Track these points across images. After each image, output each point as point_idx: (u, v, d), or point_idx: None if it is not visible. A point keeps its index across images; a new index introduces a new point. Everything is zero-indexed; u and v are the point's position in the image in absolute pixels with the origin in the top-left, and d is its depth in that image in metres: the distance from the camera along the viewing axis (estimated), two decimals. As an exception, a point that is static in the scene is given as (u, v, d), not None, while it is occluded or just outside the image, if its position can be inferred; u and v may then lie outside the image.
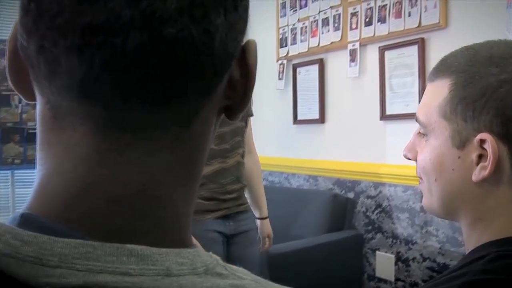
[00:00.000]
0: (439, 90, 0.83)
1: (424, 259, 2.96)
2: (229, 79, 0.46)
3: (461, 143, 0.81)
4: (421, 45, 2.91)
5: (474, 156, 0.79)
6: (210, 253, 0.45)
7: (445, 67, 0.84)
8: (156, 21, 0.37)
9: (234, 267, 0.45)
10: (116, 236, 0.39)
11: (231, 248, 2.24)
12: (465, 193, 0.83)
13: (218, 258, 0.45)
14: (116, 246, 0.38)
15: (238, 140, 2.24)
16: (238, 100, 0.48)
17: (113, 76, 0.38)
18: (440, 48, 2.80)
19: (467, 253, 0.83)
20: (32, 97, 0.44)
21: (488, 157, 0.77)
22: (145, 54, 0.38)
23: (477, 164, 0.79)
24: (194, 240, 0.48)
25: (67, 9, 0.37)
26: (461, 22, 2.75)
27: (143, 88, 0.39)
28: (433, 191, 0.86)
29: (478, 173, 0.79)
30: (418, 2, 2.92)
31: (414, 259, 3.02)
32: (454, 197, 0.85)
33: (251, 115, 2.38)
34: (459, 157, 0.81)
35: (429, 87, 0.87)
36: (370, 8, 3.25)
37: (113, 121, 0.40)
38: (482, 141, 0.78)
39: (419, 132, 0.89)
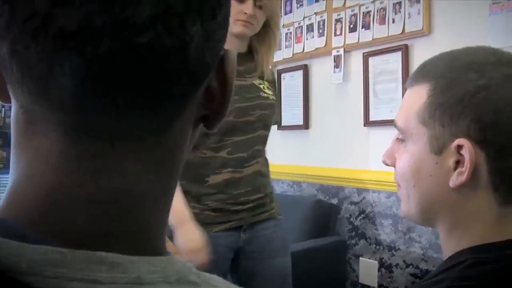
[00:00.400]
0: (418, 95, 0.83)
1: (407, 265, 2.96)
2: (206, 89, 0.45)
3: (439, 149, 0.80)
4: (405, 51, 2.93)
5: (451, 162, 0.79)
6: (185, 261, 0.45)
7: (424, 72, 0.84)
8: (128, 29, 0.36)
9: (208, 275, 0.44)
10: (87, 243, 0.39)
11: (246, 262, 2.00)
12: (442, 199, 0.82)
13: (192, 266, 0.44)
14: (86, 253, 0.38)
15: (258, 149, 2.00)
16: (215, 110, 0.47)
17: (83, 83, 0.37)
18: (423, 54, 2.81)
19: (444, 259, 0.83)
20: (8, 100, 0.43)
21: (465, 163, 0.77)
22: (117, 62, 0.37)
23: (455, 169, 0.79)
24: (172, 247, 0.48)
25: (40, 13, 0.36)
26: (444, 28, 2.77)
27: (114, 96, 0.38)
28: (411, 197, 0.86)
29: (456, 179, 0.79)
30: (402, 9, 2.94)
31: (397, 265, 3.02)
32: (432, 203, 0.84)
33: (279, 123, 2.25)
34: (436, 163, 0.81)
35: (408, 92, 0.87)
36: (354, 14, 3.26)
37: (84, 128, 0.40)
38: (459, 147, 0.78)
39: (398, 138, 0.89)
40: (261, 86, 2.00)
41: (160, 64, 0.38)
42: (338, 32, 3.37)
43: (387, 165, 0.92)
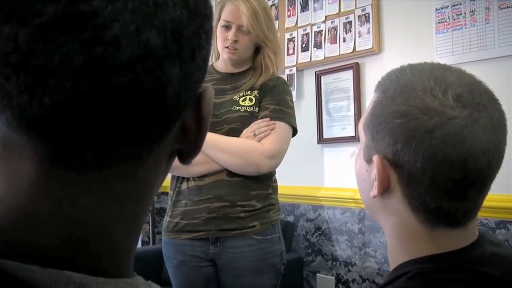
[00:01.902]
0: (370, 104, 0.86)
1: (364, 280, 3.00)
2: (182, 125, 0.47)
3: (368, 159, 0.84)
4: (356, 69, 2.99)
5: (374, 173, 0.82)
6: (149, 281, 0.47)
7: (379, 82, 0.87)
8: (107, 69, 0.37)
9: None
10: (55, 263, 0.40)
11: (220, 274, 2.02)
12: (372, 205, 0.87)
13: (158, 287, 0.46)
14: (55, 272, 0.39)
15: None
16: (189, 146, 0.49)
17: (62, 118, 0.38)
18: (374, 72, 2.89)
19: (390, 270, 0.85)
20: None
21: (376, 179, 0.81)
22: (95, 100, 0.38)
23: (375, 181, 0.82)
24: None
25: (21, 48, 0.37)
26: (394, 47, 2.85)
27: (91, 131, 0.39)
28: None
29: (372, 190, 0.82)
30: (352, 28, 3.01)
31: (353, 280, 3.05)
32: (368, 205, 0.89)
33: (295, 132, 2.12)
34: (367, 171, 0.85)
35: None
36: (306, 34, 3.32)
37: (59, 159, 0.41)
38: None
39: None
40: (240, 99, 2.03)
41: (138, 103, 0.40)
42: (290, 52, 3.43)
43: None
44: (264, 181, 2.05)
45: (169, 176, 2.19)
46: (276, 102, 2.01)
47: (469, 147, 0.74)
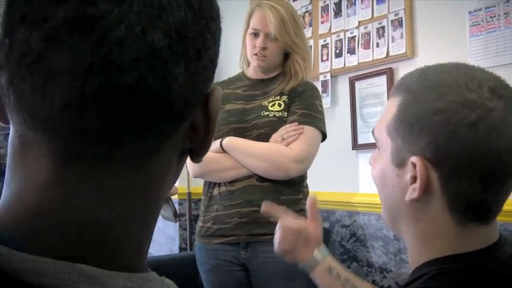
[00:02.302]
0: (391, 107, 0.85)
1: (399, 287, 2.96)
2: (192, 124, 0.49)
3: (399, 163, 0.82)
4: (390, 74, 2.97)
5: (409, 176, 0.80)
6: (163, 277, 0.48)
7: (399, 85, 0.86)
8: (114, 69, 0.40)
9: None
10: (68, 256, 0.42)
11: (251, 278, 2.04)
12: (402, 211, 0.85)
13: (171, 283, 0.48)
14: (67, 264, 0.41)
15: None
16: (198, 144, 0.51)
17: (72, 115, 0.41)
18: (407, 77, 2.85)
19: (411, 271, 0.84)
20: (7, 121, 0.47)
21: (418, 180, 0.79)
22: (103, 98, 0.40)
23: (412, 184, 0.80)
24: None
25: (34, 51, 0.40)
26: (427, 51, 2.82)
27: (100, 128, 0.42)
28: (382, 203, 0.89)
29: (410, 194, 0.81)
30: (386, 33, 2.99)
31: (389, 287, 3.02)
32: (395, 212, 0.87)
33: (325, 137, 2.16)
34: (397, 175, 0.83)
35: (387, 103, 0.89)
36: (339, 39, 3.31)
37: (72, 155, 0.43)
38: (414, 164, 0.79)
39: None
40: (269, 104, 2.05)
41: (144, 102, 0.42)
42: (324, 58, 3.43)
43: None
44: (294, 186, 2.06)
45: (201, 182, 2.22)
46: (304, 106, 2.02)
47: (509, 138, 0.75)
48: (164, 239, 4.59)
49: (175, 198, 4.40)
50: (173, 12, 0.42)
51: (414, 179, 0.80)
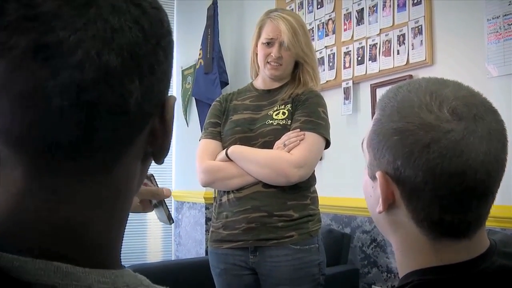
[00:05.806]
0: (372, 121, 0.87)
1: (418, 293, 2.96)
2: (151, 129, 0.54)
3: (373, 176, 0.85)
4: (410, 81, 2.98)
5: (378, 189, 0.82)
6: (136, 273, 0.53)
7: (379, 100, 0.87)
8: (74, 89, 0.45)
9: (158, 287, 0.52)
10: (44, 255, 0.47)
11: (261, 282, 2.09)
12: (379, 220, 0.88)
13: (144, 279, 0.52)
14: (45, 262, 0.46)
15: None
16: (159, 147, 0.56)
17: (39, 133, 0.46)
18: (427, 84, 2.86)
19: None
20: None
21: (381, 195, 0.81)
22: (66, 116, 0.45)
23: (380, 197, 0.82)
24: None
25: (2, 77, 0.44)
26: (446, 58, 2.83)
27: (66, 142, 0.47)
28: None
29: (378, 207, 0.83)
30: (406, 41, 3.01)
31: (408, 293, 3.02)
32: (376, 220, 0.90)
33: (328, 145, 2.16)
34: (372, 187, 0.86)
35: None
36: (361, 47, 3.34)
37: (42, 168, 0.48)
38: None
39: None
40: (274, 113, 2.10)
41: (104, 116, 0.47)
42: (347, 65, 3.46)
43: None
44: (301, 191, 2.09)
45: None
46: (307, 113, 2.05)
47: (466, 159, 0.74)
48: (191, 242, 4.67)
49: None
50: (124, 34, 0.47)
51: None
